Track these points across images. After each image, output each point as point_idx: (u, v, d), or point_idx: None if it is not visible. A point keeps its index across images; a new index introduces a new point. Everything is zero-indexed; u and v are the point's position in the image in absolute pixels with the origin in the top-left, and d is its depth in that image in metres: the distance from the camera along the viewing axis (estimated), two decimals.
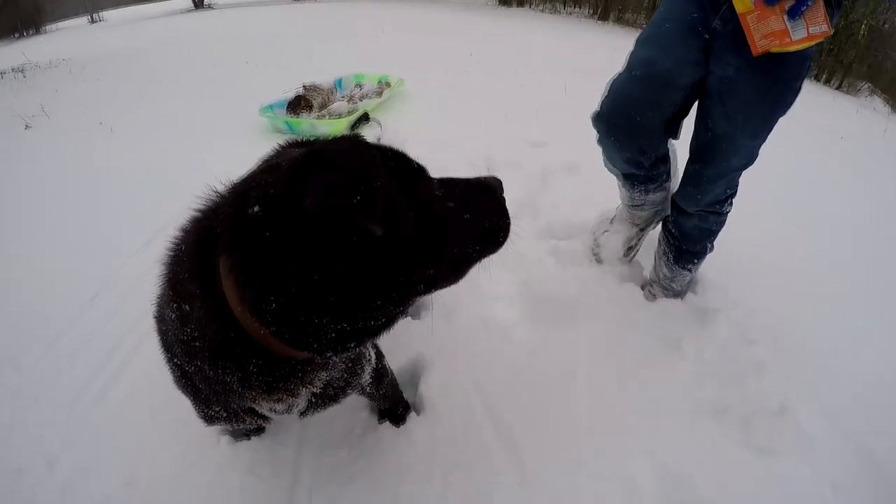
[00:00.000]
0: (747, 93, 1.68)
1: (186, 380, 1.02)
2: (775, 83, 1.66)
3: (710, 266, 2.38)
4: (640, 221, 2.37)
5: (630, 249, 2.45)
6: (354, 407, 1.85)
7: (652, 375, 2.00)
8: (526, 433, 1.77)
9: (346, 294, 0.78)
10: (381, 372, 1.53)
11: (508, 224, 1.09)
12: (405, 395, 1.85)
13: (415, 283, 0.88)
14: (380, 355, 1.53)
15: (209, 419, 1.17)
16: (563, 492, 1.63)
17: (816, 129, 5.13)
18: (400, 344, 2.01)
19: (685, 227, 2.13)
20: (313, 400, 1.13)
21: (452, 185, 1.00)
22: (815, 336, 2.25)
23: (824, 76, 8.04)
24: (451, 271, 0.99)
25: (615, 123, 1.93)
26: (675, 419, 1.86)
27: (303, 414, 1.17)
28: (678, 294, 2.33)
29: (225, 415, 1.10)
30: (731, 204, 2.04)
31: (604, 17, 13.74)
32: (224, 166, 1.32)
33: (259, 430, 1.74)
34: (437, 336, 2.07)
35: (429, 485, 1.63)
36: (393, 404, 1.77)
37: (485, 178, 1.10)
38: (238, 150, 1.66)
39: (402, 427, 1.78)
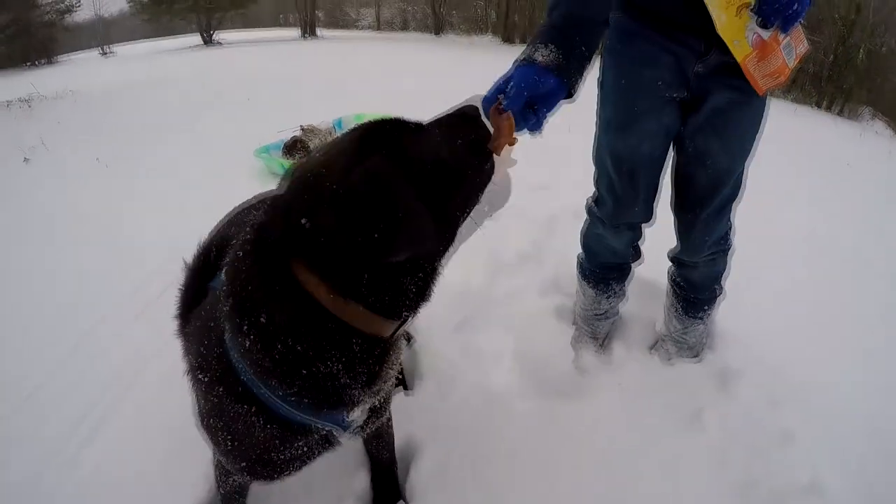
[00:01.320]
0: (743, 119, 1.62)
1: (254, 408, 0.96)
2: (761, 101, 1.61)
3: (727, 316, 2.24)
4: (601, 333, 2.29)
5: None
6: (335, 498, 1.68)
7: (670, 451, 1.82)
8: None
9: (409, 249, 0.86)
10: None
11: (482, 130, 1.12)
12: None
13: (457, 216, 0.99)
14: None
15: (276, 468, 1.09)
16: None
17: (825, 157, 5.02)
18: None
19: (692, 277, 2.02)
20: (372, 407, 1.13)
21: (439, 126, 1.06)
22: (846, 397, 2.07)
23: (825, 102, 8.00)
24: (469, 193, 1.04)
25: (617, 209, 1.90)
26: (698, 498, 1.69)
27: (361, 429, 1.18)
28: (693, 348, 2.18)
29: (300, 450, 1.06)
30: (731, 239, 1.95)
31: (601, 54, 13.80)
32: (217, 210, 1.38)
33: None
34: (431, 412, 1.92)
35: None
36: (390, 459, 1.64)
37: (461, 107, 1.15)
38: (233, 190, 1.58)
39: None
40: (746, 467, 1.77)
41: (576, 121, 2.37)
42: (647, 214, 1.91)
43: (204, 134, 5.43)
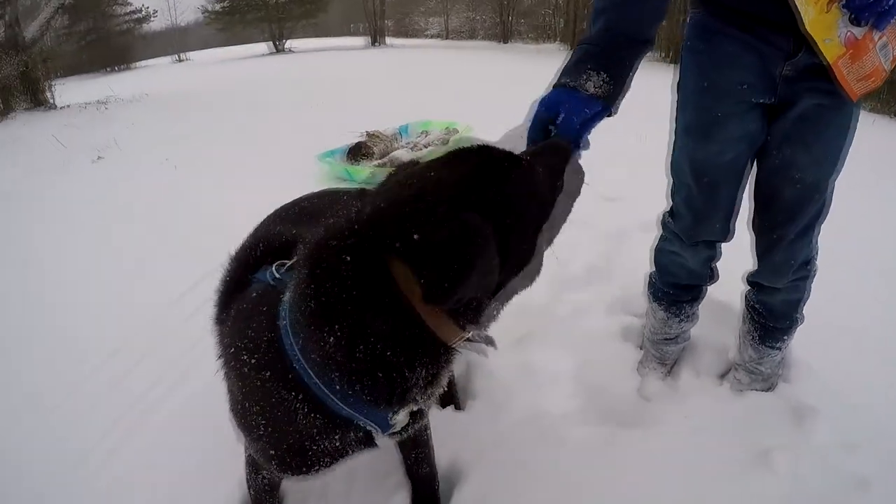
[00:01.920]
0: (832, 128, 1.49)
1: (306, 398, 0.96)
2: (852, 108, 1.48)
3: (804, 345, 2.07)
4: (670, 359, 2.16)
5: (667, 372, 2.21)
6: None
7: (736, 496, 1.67)
8: None
9: (494, 269, 0.87)
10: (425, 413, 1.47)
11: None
12: None
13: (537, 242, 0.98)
14: None
15: (311, 460, 1.08)
16: None
17: None
18: (436, 440, 1.73)
19: (771, 304, 1.87)
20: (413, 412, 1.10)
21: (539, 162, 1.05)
22: None
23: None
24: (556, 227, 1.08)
25: (696, 224, 1.79)
26: None
27: (401, 433, 1.15)
28: (768, 380, 2.02)
29: (339, 444, 1.06)
30: (816, 262, 1.80)
31: (676, 60, 13.49)
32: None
33: None
34: (481, 435, 1.82)
35: None
36: (430, 474, 1.59)
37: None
38: (296, 193, 1.57)
39: None
40: None
41: (649, 129, 2.27)
42: (727, 231, 1.77)
43: (270, 138, 5.55)
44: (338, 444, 1.05)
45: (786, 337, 1.91)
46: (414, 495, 1.61)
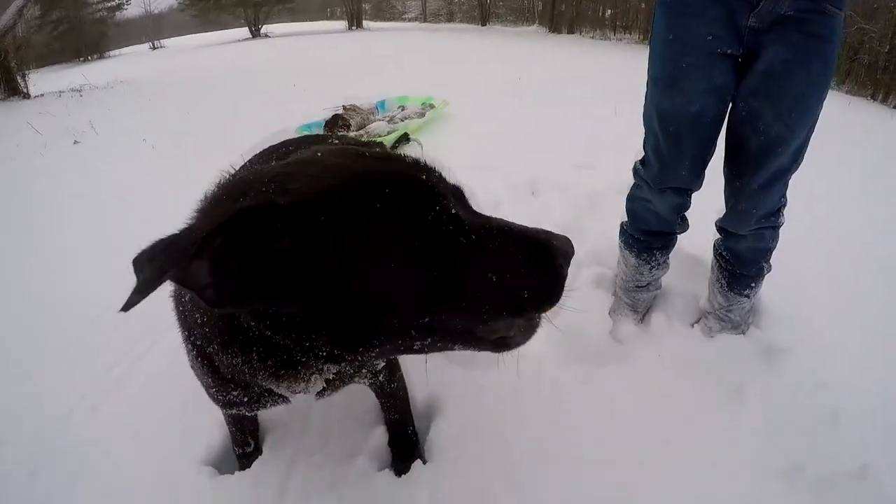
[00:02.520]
0: (799, 83, 1.52)
1: (205, 361, 1.04)
2: (825, 65, 1.51)
3: (775, 294, 2.13)
4: (642, 306, 2.21)
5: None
6: (349, 453, 1.65)
7: (708, 426, 1.72)
8: (554, 496, 1.52)
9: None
10: (395, 364, 1.52)
11: (554, 300, 0.89)
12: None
13: (401, 327, 0.79)
14: None
15: (228, 404, 1.17)
16: None
17: (879, 150, 4.72)
18: (413, 377, 1.78)
19: (738, 250, 1.92)
20: (329, 381, 1.06)
21: (492, 231, 0.85)
22: None
23: (881, 94, 7.56)
24: (450, 337, 0.84)
25: (662, 172, 1.82)
26: (737, 483, 1.57)
27: (319, 395, 1.12)
28: (738, 326, 2.06)
29: (245, 398, 1.12)
30: (783, 215, 1.83)
31: None
32: None
33: (248, 461, 1.65)
34: (455, 373, 1.86)
35: None
36: (402, 420, 1.62)
37: (548, 234, 0.90)
38: None
39: (403, 477, 1.57)
40: (791, 448, 1.65)
41: (625, 106, 2.30)
42: (694, 180, 1.81)
43: (249, 117, 5.51)
44: (255, 397, 1.12)
45: (753, 284, 1.96)
46: (389, 436, 1.67)
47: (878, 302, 2.30)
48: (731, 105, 1.67)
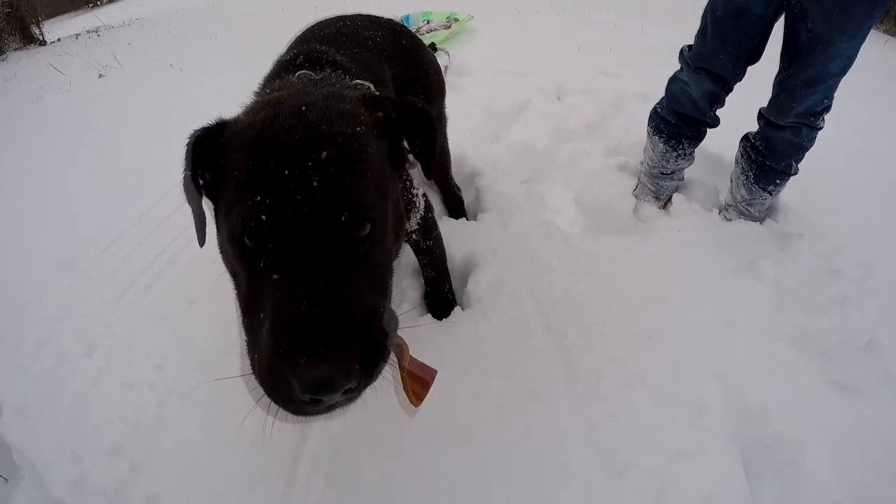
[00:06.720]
0: None
1: None
2: None
3: (794, 196, 2.18)
4: (665, 194, 2.27)
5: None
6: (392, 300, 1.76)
7: (725, 293, 1.82)
8: (580, 340, 1.63)
9: None
10: (430, 223, 1.57)
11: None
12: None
13: None
14: (429, 207, 1.51)
15: None
16: (619, 407, 1.48)
17: None
18: (451, 242, 1.89)
19: (774, 141, 1.97)
20: None
21: None
22: None
23: None
24: None
25: (701, 52, 1.91)
26: (750, 342, 1.67)
27: None
28: (756, 221, 2.14)
29: None
30: (824, 119, 1.88)
31: None
32: None
33: None
34: (492, 236, 1.96)
35: (465, 380, 1.53)
36: (439, 278, 1.72)
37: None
38: None
39: (444, 321, 1.68)
40: (802, 321, 1.75)
41: (650, 24, 2.26)
42: (732, 70, 1.88)
43: (268, 39, 5.43)
44: None
45: (779, 181, 2.02)
46: (425, 291, 1.78)
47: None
48: (787, 4, 1.71)
